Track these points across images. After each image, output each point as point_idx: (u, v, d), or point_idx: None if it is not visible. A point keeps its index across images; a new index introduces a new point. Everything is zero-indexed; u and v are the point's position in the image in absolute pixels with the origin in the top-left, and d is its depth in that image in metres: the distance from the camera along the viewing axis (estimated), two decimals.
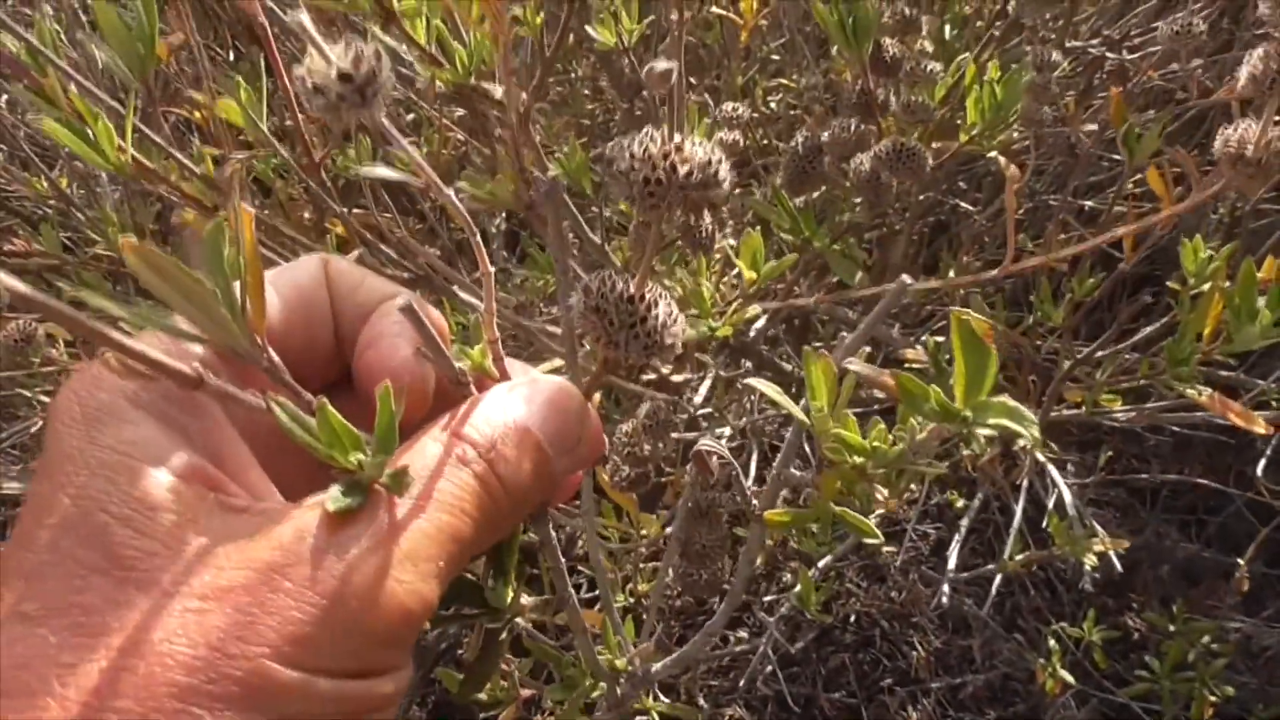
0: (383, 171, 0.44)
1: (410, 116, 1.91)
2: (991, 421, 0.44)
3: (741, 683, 2.01)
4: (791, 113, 2.24)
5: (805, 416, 0.51)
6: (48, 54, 0.67)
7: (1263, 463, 1.60)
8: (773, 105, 2.24)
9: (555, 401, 0.50)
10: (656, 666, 0.67)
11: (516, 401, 0.49)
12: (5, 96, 1.83)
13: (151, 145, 0.73)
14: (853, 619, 2.44)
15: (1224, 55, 1.60)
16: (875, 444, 0.48)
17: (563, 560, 0.58)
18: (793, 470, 0.62)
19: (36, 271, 1.27)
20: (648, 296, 0.45)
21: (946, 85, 0.96)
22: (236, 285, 0.41)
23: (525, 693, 0.97)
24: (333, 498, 0.40)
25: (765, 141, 2.22)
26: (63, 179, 1.23)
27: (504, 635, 0.53)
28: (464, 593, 0.51)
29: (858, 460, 0.47)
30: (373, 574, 0.40)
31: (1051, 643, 1.87)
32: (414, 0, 0.69)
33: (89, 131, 0.74)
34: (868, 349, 0.51)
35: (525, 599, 0.54)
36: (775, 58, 2.31)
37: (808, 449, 1.44)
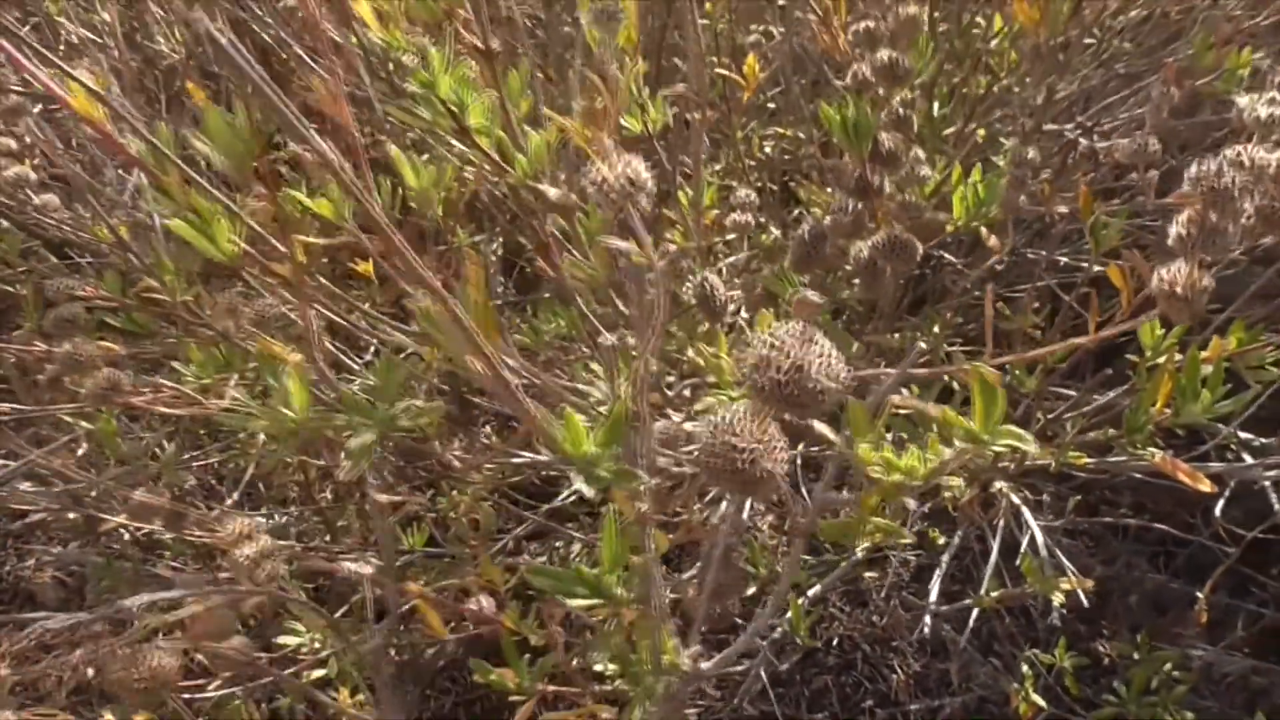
0: (622, 245, 0.61)
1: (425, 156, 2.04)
2: (1003, 442, 0.61)
3: (735, 700, 2.13)
4: (785, 158, 2.38)
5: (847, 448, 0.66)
6: (168, 153, 0.80)
7: (1221, 503, 1.74)
8: (768, 150, 2.38)
9: None
10: (707, 665, 0.80)
11: None
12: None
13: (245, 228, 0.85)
14: (836, 642, 2.55)
15: (1191, 119, 1.76)
16: (912, 464, 0.62)
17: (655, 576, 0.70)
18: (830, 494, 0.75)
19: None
20: (759, 450, 0.56)
21: (936, 181, 1.10)
22: None
23: (546, 688, 1.09)
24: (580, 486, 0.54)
25: (760, 185, 2.36)
26: (122, 228, 1.35)
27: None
28: (579, 581, 0.64)
29: (897, 478, 0.62)
30: None
31: (1025, 668, 2.01)
32: (482, 119, 0.82)
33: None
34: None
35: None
36: (771, 105, 2.45)
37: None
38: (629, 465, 0.62)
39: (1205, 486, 1.01)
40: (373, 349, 1.79)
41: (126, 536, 2.32)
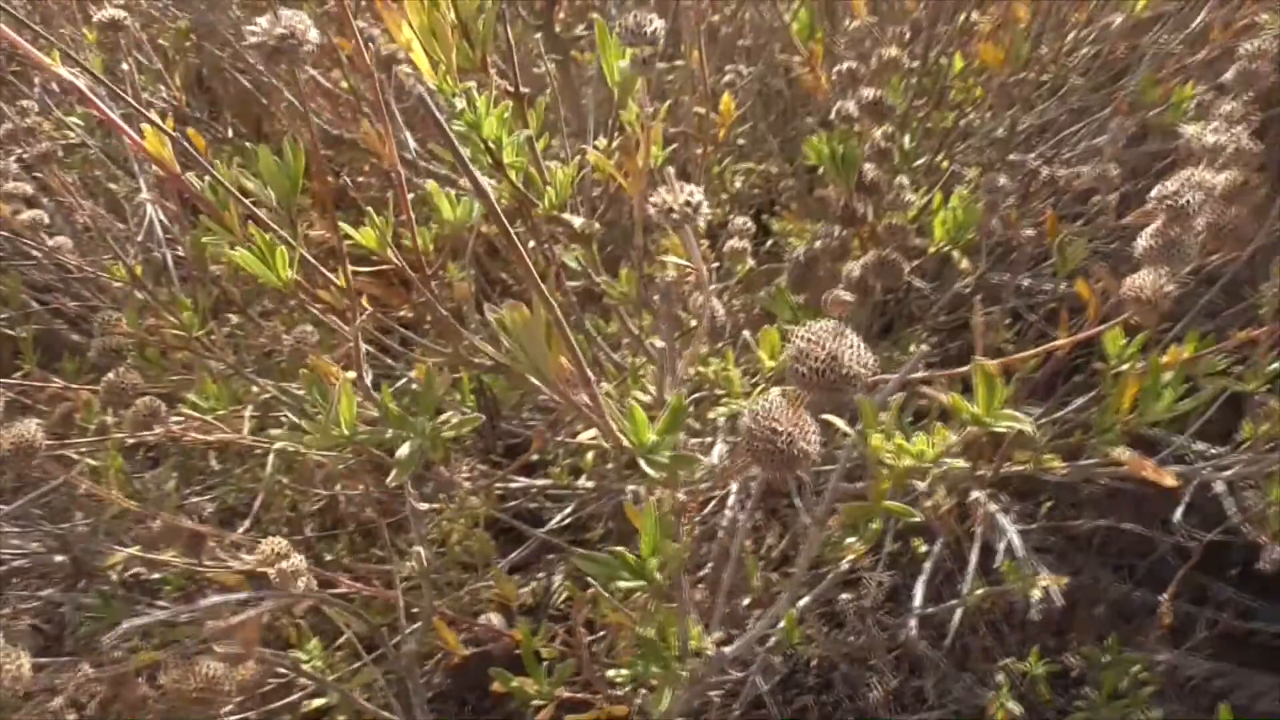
0: (682, 261, 0.71)
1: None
2: (1003, 424, 0.72)
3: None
4: (754, 192, 2.50)
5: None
6: (230, 188, 0.88)
7: (1180, 510, 1.86)
8: (738, 184, 2.49)
9: None
10: (729, 649, 0.88)
11: None
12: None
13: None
14: (814, 663, 2.63)
15: (1140, 149, 1.90)
16: (922, 448, 0.72)
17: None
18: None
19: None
20: (796, 433, 0.66)
21: (918, 207, 1.21)
22: None
23: (563, 694, 1.16)
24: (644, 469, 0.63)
25: (730, 213, 2.47)
26: (138, 266, 1.41)
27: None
28: (624, 566, 0.72)
29: (909, 462, 0.71)
30: None
31: (1000, 677, 2.10)
32: (515, 156, 0.91)
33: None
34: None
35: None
36: (741, 142, 2.57)
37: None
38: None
39: (1170, 481, 1.12)
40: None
41: (114, 578, 2.33)
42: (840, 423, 0.74)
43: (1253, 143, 0.98)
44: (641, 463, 0.64)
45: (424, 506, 1.22)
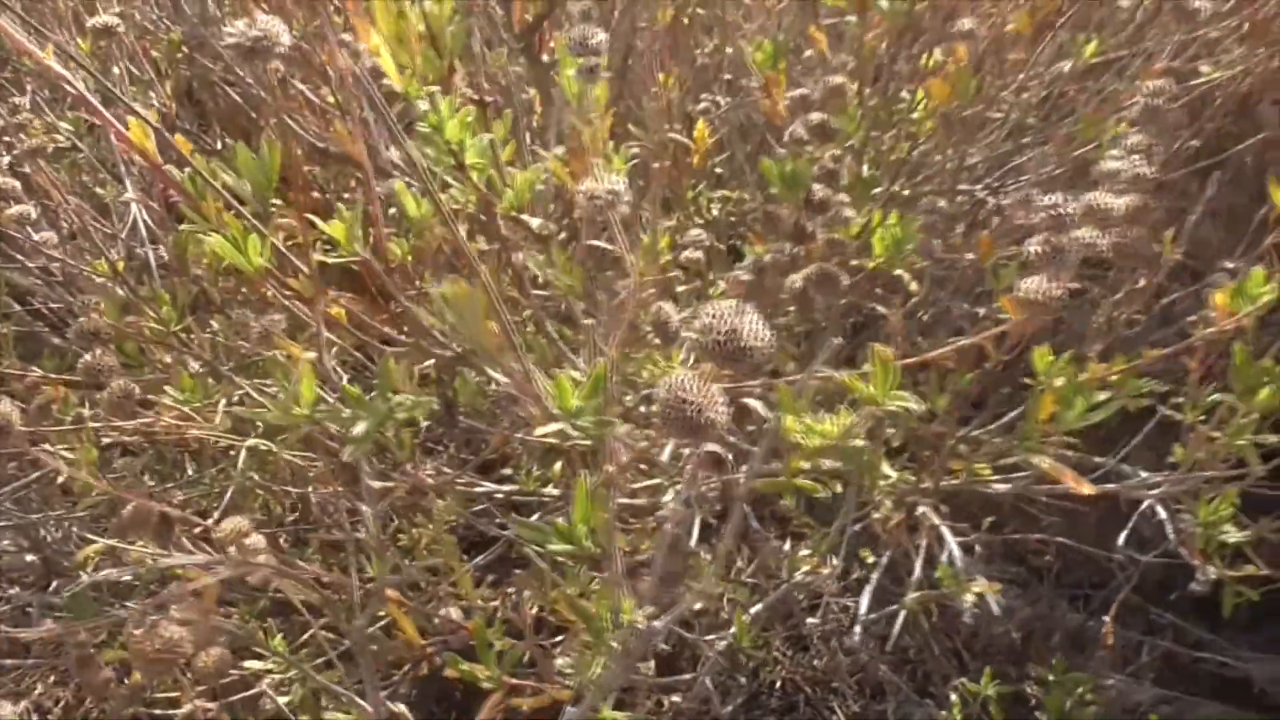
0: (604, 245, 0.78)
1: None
2: (893, 404, 0.80)
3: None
4: (730, 219, 2.59)
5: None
6: (208, 179, 0.95)
7: (1124, 534, 1.94)
8: (715, 212, 2.57)
9: None
10: (659, 623, 0.95)
11: None
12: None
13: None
14: (778, 685, 2.69)
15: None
16: (828, 428, 0.80)
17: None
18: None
19: None
20: (704, 403, 0.74)
21: (860, 225, 1.30)
22: None
23: (511, 682, 1.22)
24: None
25: (709, 244, 2.55)
26: (120, 262, 1.49)
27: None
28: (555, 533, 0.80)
29: (817, 441, 0.79)
30: None
31: (953, 697, 2.17)
32: (477, 158, 0.99)
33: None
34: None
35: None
36: (719, 171, 2.66)
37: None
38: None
39: (1088, 490, 1.21)
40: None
41: (84, 577, 2.38)
42: (759, 407, 0.82)
43: (1151, 170, 1.08)
44: (566, 427, 0.72)
45: (379, 485, 1.29)
